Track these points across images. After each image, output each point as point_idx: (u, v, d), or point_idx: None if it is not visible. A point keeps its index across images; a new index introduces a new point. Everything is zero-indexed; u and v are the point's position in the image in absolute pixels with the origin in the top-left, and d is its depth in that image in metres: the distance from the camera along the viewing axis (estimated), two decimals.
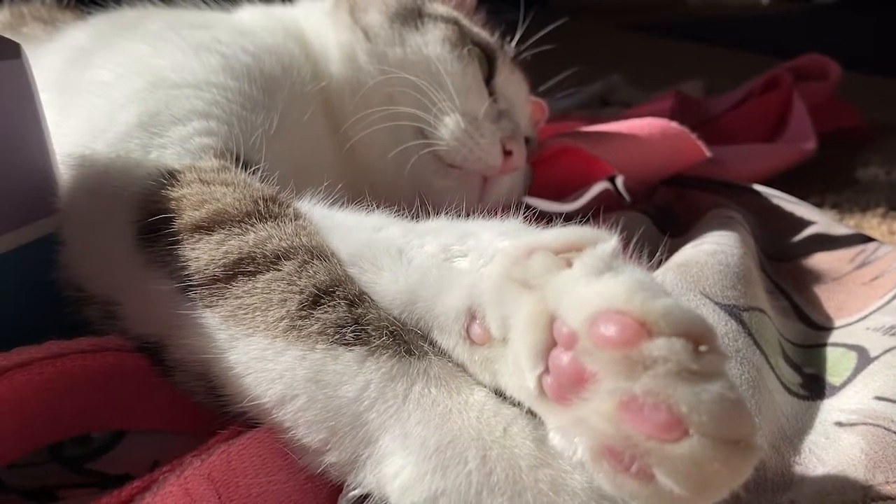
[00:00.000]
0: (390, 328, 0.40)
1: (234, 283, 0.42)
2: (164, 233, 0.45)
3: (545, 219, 0.79)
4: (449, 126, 0.68)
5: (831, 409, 0.51)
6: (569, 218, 0.82)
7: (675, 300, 0.31)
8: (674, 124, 0.85)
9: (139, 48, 0.65)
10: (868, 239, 0.75)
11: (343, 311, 0.40)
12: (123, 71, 0.62)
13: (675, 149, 0.85)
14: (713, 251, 0.62)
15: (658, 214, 0.83)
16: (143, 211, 0.47)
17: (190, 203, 0.46)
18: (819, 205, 0.97)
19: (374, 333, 0.39)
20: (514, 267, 0.36)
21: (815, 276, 0.71)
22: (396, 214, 0.51)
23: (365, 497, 0.37)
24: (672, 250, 0.69)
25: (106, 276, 0.48)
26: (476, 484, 0.34)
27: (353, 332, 0.39)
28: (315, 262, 0.43)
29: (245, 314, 0.41)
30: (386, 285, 0.43)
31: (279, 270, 0.42)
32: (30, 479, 0.46)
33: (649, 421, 0.28)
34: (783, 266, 0.74)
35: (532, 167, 0.85)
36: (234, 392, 0.40)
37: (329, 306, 0.40)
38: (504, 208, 0.76)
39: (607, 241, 0.36)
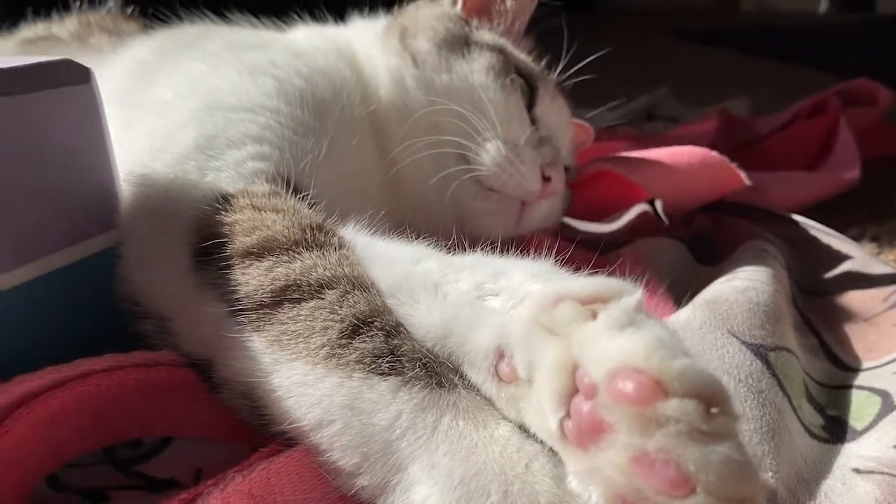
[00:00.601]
0: (423, 360, 0.42)
1: (280, 310, 0.45)
2: (217, 257, 0.48)
3: (581, 242, 0.81)
4: (490, 152, 0.70)
5: (851, 454, 0.52)
6: (607, 241, 0.84)
7: (691, 361, 0.33)
8: (714, 153, 0.86)
9: (198, 68, 0.68)
10: None
11: (380, 341, 0.43)
12: (183, 90, 0.65)
13: (715, 178, 0.86)
14: (744, 288, 0.63)
15: (694, 241, 0.84)
16: (198, 234, 0.50)
17: (242, 229, 0.49)
18: (859, 236, 0.96)
19: (408, 364, 0.42)
20: (542, 313, 0.38)
21: (846, 315, 0.71)
22: (436, 243, 0.54)
23: None
24: (706, 279, 0.71)
25: (160, 294, 0.51)
26: None
27: (388, 362, 0.42)
28: (356, 292, 0.46)
29: (289, 340, 0.43)
30: (421, 318, 0.45)
31: (322, 299, 0.45)
32: (85, 478, 0.50)
33: (659, 476, 0.30)
34: (815, 301, 0.75)
35: (570, 190, 0.86)
36: (276, 413, 0.43)
37: (367, 336, 0.43)
38: (544, 231, 0.79)
39: (632, 294, 0.38)
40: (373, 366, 0.42)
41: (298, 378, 0.42)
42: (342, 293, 0.45)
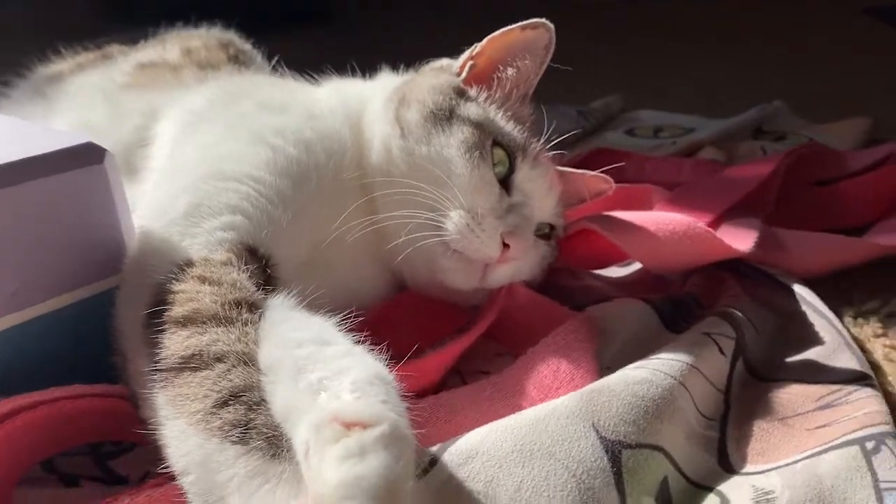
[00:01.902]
0: (269, 434, 0.54)
1: (181, 375, 0.58)
2: (158, 321, 0.63)
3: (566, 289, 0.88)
4: (454, 220, 0.80)
5: None
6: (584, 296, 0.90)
7: None
8: (699, 225, 0.88)
9: (216, 134, 0.83)
10: (863, 377, 0.75)
11: (241, 413, 0.55)
12: (197, 157, 0.80)
13: (700, 249, 0.89)
14: (640, 380, 0.68)
15: (667, 306, 0.88)
16: (154, 297, 0.65)
17: (180, 299, 0.63)
18: (874, 310, 0.94)
19: (255, 437, 0.54)
20: (321, 427, 0.49)
21: (769, 410, 0.74)
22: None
23: None
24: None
25: (125, 336, 0.66)
26: None
27: (240, 432, 0.54)
28: (240, 367, 0.58)
29: (180, 401, 0.57)
30: (278, 398, 0.57)
31: (212, 370, 0.58)
32: (67, 465, 0.67)
33: None
34: (756, 389, 0.78)
35: (557, 245, 0.93)
36: (166, 454, 0.57)
37: (233, 408, 0.55)
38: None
39: (383, 424, 0.47)
40: (228, 434, 0.54)
41: (177, 433, 0.56)
42: (229, 368, 0.58)
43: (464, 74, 0.89)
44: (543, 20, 0.87)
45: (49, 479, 0.66)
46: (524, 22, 0.87)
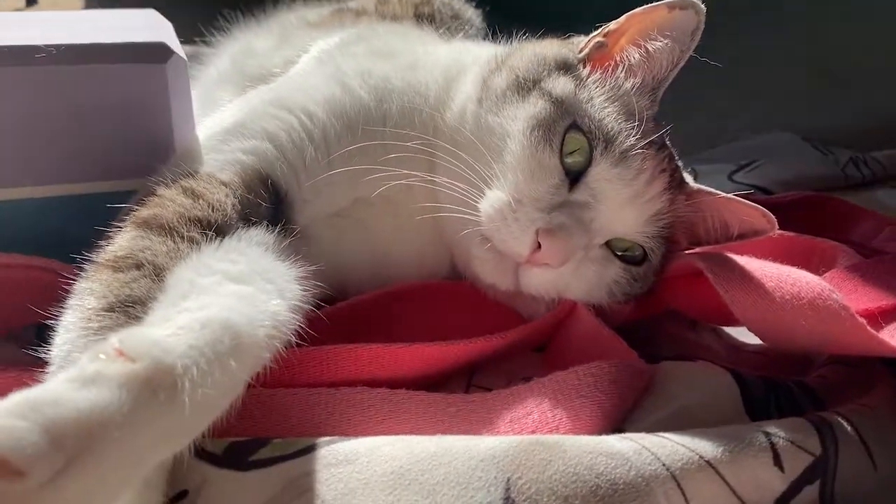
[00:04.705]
0: None
1: (103, 270, 0.57)
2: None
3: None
4: (489, 200, 0.69)
5: None
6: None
7: None
8: (834, 296, 0.65)
9: (311, 67, 0.81)
10: None
11: (120, 322, 0.52)
12: (280, 84, 0.79)
13: (830, 328, 0.65)
14: (615, 452, 0.52)
15: (760, 388, 0.66)
16: (144, 195, 0.65)
17: (153, 202, 0.62)
18: None
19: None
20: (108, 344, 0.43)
21: None
22: None
23: None
24: None
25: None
26: None
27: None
28: (148, 279, 0.55)
29: (85, 295, 0.55)
30: (152, 315, 0.52)
31: (125, 275, 0.55)
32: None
33: None
34: None
35: (651, 276, 0.75)
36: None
37: (116, 315, 0.53)
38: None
39: (136, 365, 0.41)
40: (99, 338, 0.51)
41: (65, 323, 0.54)
42: (138, 277, 0.55)
43: (586, 51, 0.75)
44: (695, 0, 0.70)
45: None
46: None
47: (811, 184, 1.27)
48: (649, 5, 0.72)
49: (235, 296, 0.53)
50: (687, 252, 0.76)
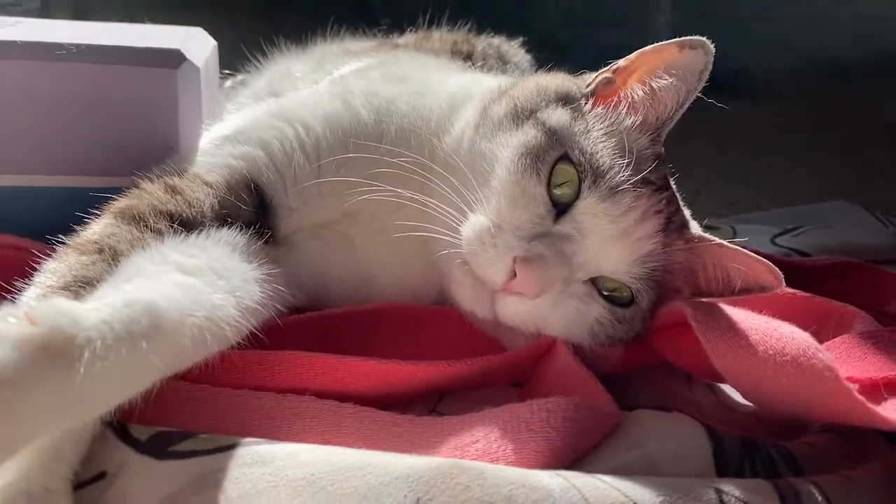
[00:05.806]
0: None
1: (73, 253, 0.59)
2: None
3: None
4: (471, 223, 0.68)
5: None
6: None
7: None
8: (820, 355, 0.60)
9: (322, 86, 0.82)
10: None
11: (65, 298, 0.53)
12: (289, 97, 0.81)
13: (816, 392, 0.60)
14: (537, 486, 0.49)
15: (736, 446, 0.62)
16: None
17: (132, 194, 0.64)
18: None
19: None
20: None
21: None
22: None
23: None
24: None
25: None
26: None
27: None
28: (104, 263, 0.57)
29: (48, 273, 0.57)
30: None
31: (86, 258, 0.57)
32: None
33: None
34: None
35: (639, 320, 0.72)
36: None
37: (68, 293, 0.54)
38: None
39: (34, 329, 0.42)
40: None
41: (26, 297, 0.56)
42: (96, 260, 0.57)
43: (593, 86, 0.74)
44: (704, 39, 0.68)
45: None
46: (682, 39, 0.69)
47: (858, 253, 1.19)
48: (660, 44, 0.70)
49: (176, 285, 0.54)
50: (677, 300, 0.72)
